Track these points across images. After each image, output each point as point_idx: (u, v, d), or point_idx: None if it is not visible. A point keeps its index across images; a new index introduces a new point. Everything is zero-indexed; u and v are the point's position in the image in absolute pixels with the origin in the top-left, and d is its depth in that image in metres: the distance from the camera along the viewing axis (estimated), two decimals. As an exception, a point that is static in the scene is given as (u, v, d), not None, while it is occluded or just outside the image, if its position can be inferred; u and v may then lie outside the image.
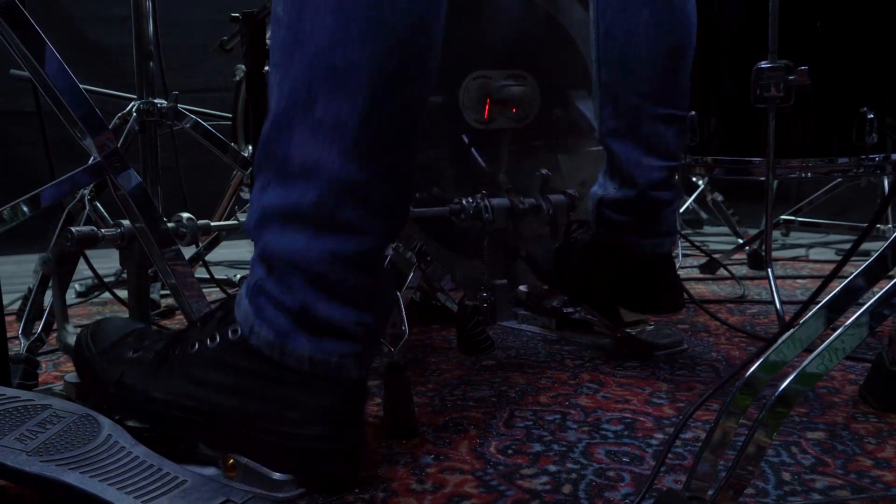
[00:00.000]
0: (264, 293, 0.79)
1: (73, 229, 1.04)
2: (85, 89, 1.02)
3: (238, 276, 1.83)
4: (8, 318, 1.04)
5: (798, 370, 0.64)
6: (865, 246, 0.80)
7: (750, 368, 0.68)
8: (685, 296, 1.30)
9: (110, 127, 1.21)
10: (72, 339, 1.00)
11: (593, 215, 1.29)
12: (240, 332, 0.80)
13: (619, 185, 1.23)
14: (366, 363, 0.82)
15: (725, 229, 2.53)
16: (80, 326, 0.96)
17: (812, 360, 0.64)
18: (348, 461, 0.81)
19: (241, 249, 2.32)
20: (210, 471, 0.80)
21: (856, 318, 0.65)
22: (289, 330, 0.78)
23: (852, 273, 0.70)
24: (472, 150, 1.55)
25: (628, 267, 1.25)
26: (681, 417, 0.98)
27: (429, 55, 0.79)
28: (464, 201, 1.42)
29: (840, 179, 2.10)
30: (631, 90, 1.20)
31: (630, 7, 1.17)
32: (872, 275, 0.70)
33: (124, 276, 1.16)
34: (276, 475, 0.78)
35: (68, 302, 1.10)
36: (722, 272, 1.97)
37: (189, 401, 0.81)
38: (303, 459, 0.78)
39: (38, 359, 1.10)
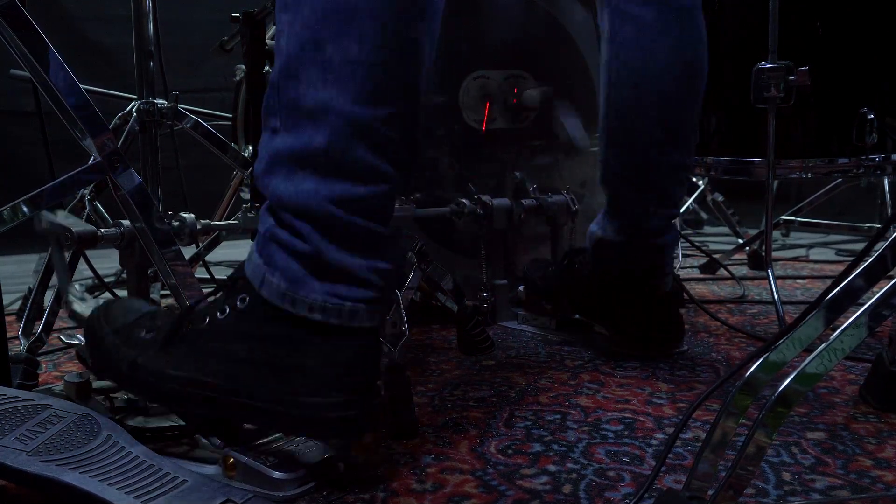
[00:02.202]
0: (275, 241, 0.79)
1: (73, 229, 1.04)
2: (85, 89, 1.02)
3: (238, 276, 1.83)
4: (8, 318, 1.04)
5: (798, 370, 0.64)
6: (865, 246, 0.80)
7: (749, 368, 0.68)
8: (683, 334, 1.30)
9: (110, 127, 1.21)
10: (78, 305, 1.00)
11: (591, 254, 1.28)
12: (248, 299, 0.79)
13: (620, 229, 1.23)
14: (379, 311, 0.81)
15: (725, 229, 2.52)
16: (77, 329, 0.96)
17: (812, 360, 0.64)
18: (364, 428, 0.81)
19: (242, 249, 2.31)
20: (210, 470, 0.81)
21: (855, 318, 0.65)
22: (301, 276, 0.77)
23: (852, 273, 0.70)
24: (472, 150, 1.55)
25: (626, 302, 1.25)
26: (681, 418, 0.98)
27: None
28: (464, 201, 1.42)
29: (840, 180, 2.10)
30: (642, 138, 1.18)
31: (644, 51, 1.15)
32: (872, 275, 0.70)
33: (124, 276, 1.16)
34: (276, 474, 0.78)
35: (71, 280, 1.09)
36: (722, 272, 1.97)
37: (204, 376, 0.80)
38: (321, 428, 0.79)
39: (38, 359, 1.10)
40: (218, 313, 0.81)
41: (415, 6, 0.77)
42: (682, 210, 2.41)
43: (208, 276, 1.66)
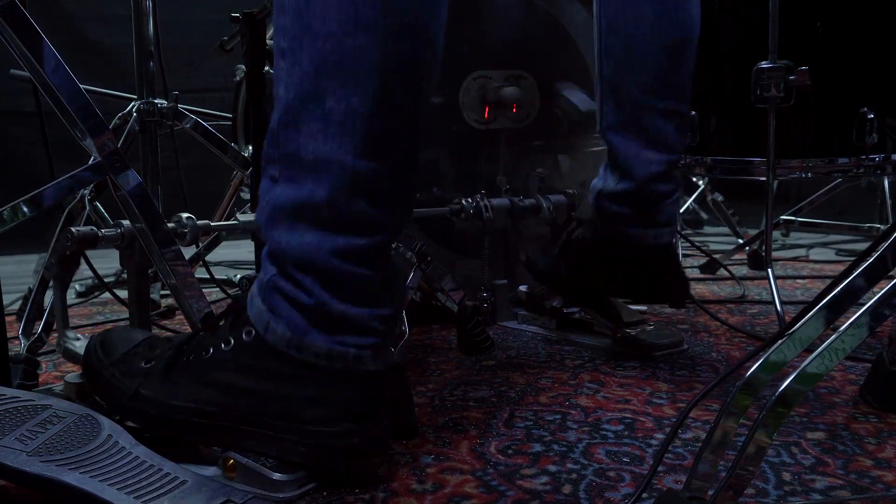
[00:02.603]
0: (278, 291, 0.79)
1: (73, 229, 1.04)
2: (85, 89, 1.02)
3: (238, 276, 1.83)
4: (8, 318, 1.04)
5: (798, 370, 0.64)
6: (865, 246, 0.80)
7: (750, 369, 0.68)
8: (689, 291, 1.30)
9: (110, 127, 1.21)
10: (72, 345, 1.00)
11: (593, 207, 1.29)
12: (254, 333, 0.80)
13: (619, 178, 1.23)
14: (383, 354, 0.82)
15: (725, 229, 2.53)
16: (77, 329, 0.96)
17: (812, 360, 0.64)
18: (370, 455, 0.82)
19: (242, 249, 2.32)
20: (210, 471, 0.80)
21: (856, 318, 0.65)
22: (304, 327, 0.78)
23: (852, 273, 0.70)
24: (472, 150, 1.55)
25: (630, 258, 1.24)
26: (678, 418, 0.98)
27: (436, 39, 0.79)
28: (464, 201, 1.42)
29: (840, 180, 2.09)
30: (632, 84, 1.20)
31: (632, 3, 1.17)
32: (872, 275, 0.70)
33: (124, 276, 1.16)
34: (276, 475, 0.78)
35: (68, 302, 1.10)
36: (722, 272, 1.97)
37: (209, 406, 0.80)
38: (327, 457, 0.79)
39: (38, 359, 1.10)
40: (222, 344, 0.82)
41: (415, 58, 0.77)
42: (682, 210, 2.41)
43: (208, 276, 1.66)
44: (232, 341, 0.81)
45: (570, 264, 1.34)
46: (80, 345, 1.00)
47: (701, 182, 2.44)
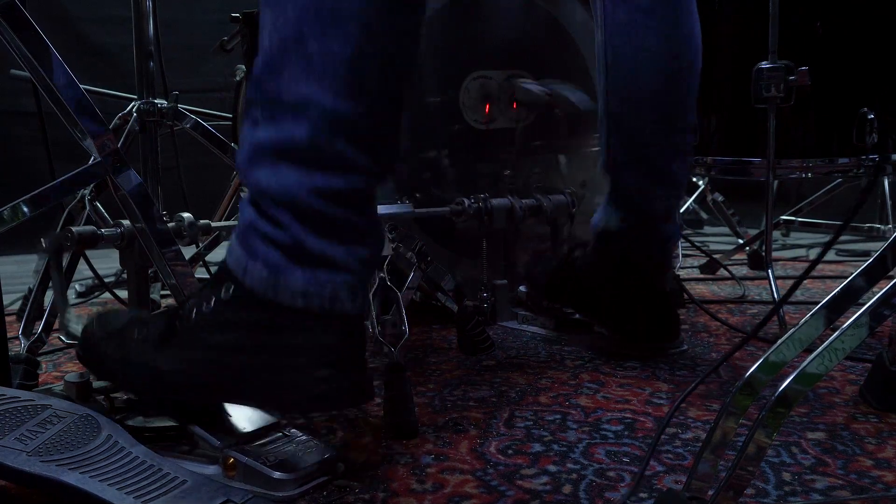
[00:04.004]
0: (255, 231, 0.79)
1: (73, 229, 1.04)
2: (85, 89, 1.02)
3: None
4: (8, 318, 1.04)
5: (798, 370, 0.64)
6: (865, 246, 0.80)
7: (750, 369, 0.68)
8: (679, 329, 1.30)
9: (110, 127, 1.21)
10: (73, 325, 1.00)
11: (594, 244, 1.28)
12: (232, 288, 0.80)
13: (623, 217, 1.23)
14: (360, 296, 0.82)
15: (725, 229, 2.52)
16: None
17: (812, 360, 0.64)
18: (356, 400, 0.83)
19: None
20: (210, 470, 0.81)
21: (856, 318, 0.65)
22: (281, 264, 0.78)
23: (852, 273, 0.70)
24: (472, 150, 1.55)
25: (626, 297, 1.25)
26: (678, 415, 0.98)
27: None
28: (464, 201, 1.42)
29: (840, 180, 2.09)
30: (641, 121, 1.19)
31: (638, 31, 1.16)
32: (872, 275, 0.70)
33: (124, 276, 1.16)
34: (276, 474, 0.78)
35: (69, 302, 1.10)
36: (722, 272, 1.96)
37: (195, 366, 0.81)
38: (310, 404, 0.80)
39: (39, 359, 1.10)
40: (204, 304, 0.82)
41: (398, 4, 0.77)
42: (682, 210, 2.41)
43: (208, 276, 1.66)
44: (213, 300, 0.82)
45: (569, 286, 1.34)
46: (81, 326, 1.00)
47: (701, 182, 2.44)
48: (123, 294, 1.36)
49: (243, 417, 0.87)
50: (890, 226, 2.16)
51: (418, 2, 0.80)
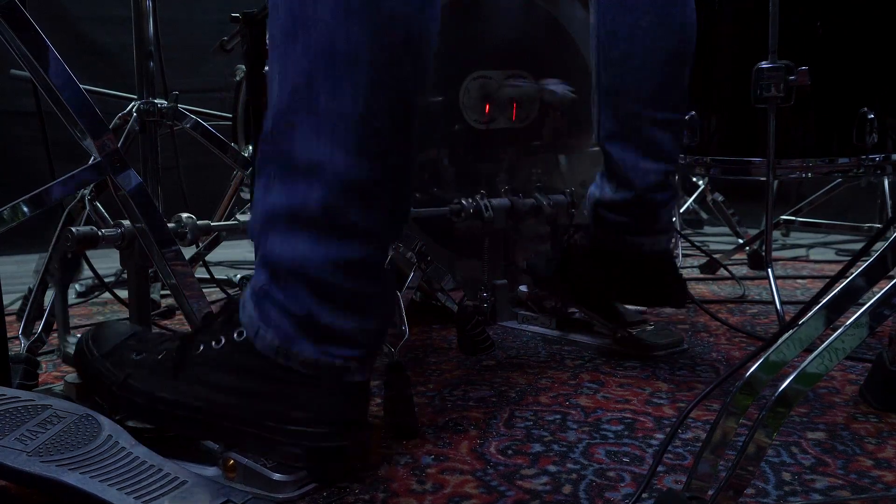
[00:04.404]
0: (269, 298, 0.79)
1: (73, 229, 1.04)
2: (85, 89, 1.02)
3: (238, 276, 1.83)
4: (8, 318, 1.04)
5: (798, 370, 0.64)
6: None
7: (750, 368, 0.68)
8: (688, 293, 1.30)
9: (110, 127, 1.21)
10: (72, 349, 1.01)
11: (590, 216, 1.29)
12: (245, 335, 0.80)
13: (616, 188, 1.24)
14: (369, 366, 0.82)
15: (725, 229, 2.52)
16: (78, 329, 0.96)
17: (812, 360, 0.64)
18: (353, 459, 0.82)
19: (242, 249, 2.32)
20: (210, 471, 0.81)
21: (856, 318, 0.65)
22: (293, 335, 0.78)
23: (852, 273, 0.70)
24: (472, 150, 1.55)
25: (628, 265, 1.25)
26: (678, 417, 0.98)
27: (427, 34, 0.78)
28: (464, 201, 1.42)
29: (840, 179, 2.09)
30: (631, 94, 1.20)
31: (632, 11, 1.17)
32: (872, 275, 0.70)
33: (124, 276, 1.16)
34: (276, 476, 0.78)
35: (68, 302, 1.10)
36: (722, 272, 1.97)
37: (195, 401, 0.81)
38: (309, 458, 0.79)
39: (39, 359, 1.10)
40: (213, 342, 0.82)
41: (408, 44, 0.77)
42: (682, 210, 2.41)
43: (208, 276, 1.66)
44: (223, 340, 0.82)
45: (570, 270, 1.34)
46: None
47: (701, 182, 2.44)
48: (123, 294, 1.36)
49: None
50: (886, 223, 2.16)
51: (425, 56, 0.79)
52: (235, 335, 0.81)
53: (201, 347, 0.83)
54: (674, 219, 1.95)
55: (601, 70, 1.23)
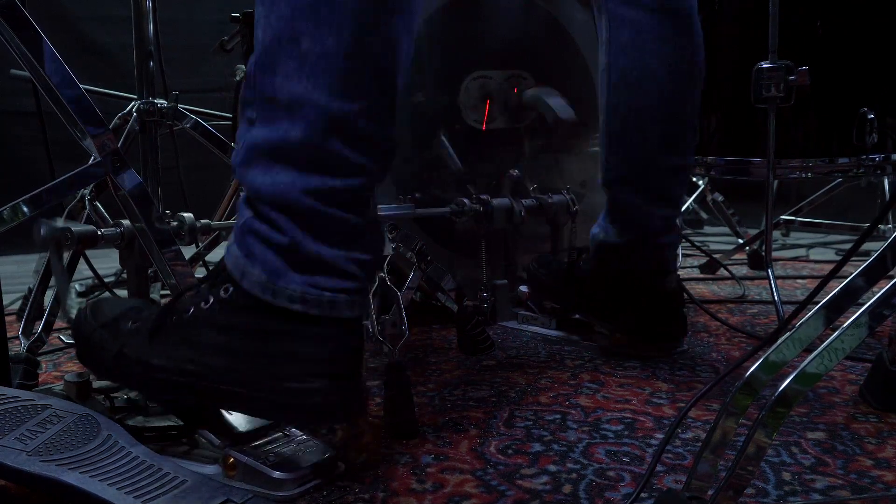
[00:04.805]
0: (253, 233, 0.79)
1: (72, 229, 1.04)
2: (85, 89, 1.02)
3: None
4: (8, 318, 1.04)
5: (798, 370, 0.64)
6: (865, 246, 0.79)
7: (749, 368, 0.68)
8: (685, 329, 1.30)
9: (110, 127, 1.21)
10: (75, 312, 1.00)
11: (594, 256, 1.29)
12: (231, 289, 0.79)
13: (621, 231, 1.24)
14: (359, 302, 0.81)
15: (725, 229, 2.52)
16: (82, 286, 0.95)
17: (812, 360, 0.64)
18: (348, 413, 0.82)
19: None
20: (210, 470, 0.80)
21: (856, 318, 0.65)
22: (280, 267, 0.78)
23: (852, 273, 0.70)
24: (472, 150, 1.55)
25: (629, 301, 1.25)
26: (676, 417, 0.98)
27: None
28: (464, 201, 1.42)
29: (840, 179, 2.09)
30: (642, 139, 1.19)
31: (642, 55, 1.16)
32: (872, 275, 0.70)
33: (124, 276, 1.16)
34: (276, 473, 0.78)
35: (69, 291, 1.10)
36: (722, 272, 1.97)
37: (189, 364, 0.80)
38: (303, 414, 0.79)
39: (38, 359, 1.10)
40: (202, 303, 0.81)
41: (393, 2, 0.77)
42: (682, 210, 2.41)
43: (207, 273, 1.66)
44: (211, 299, 0.81)
45: (572, 290, 1.34)
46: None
47: (701, 182, 2.44)
48: (123, 294, 1.36)
49: (242, 417, 0.87)
50: (890, 226, 2.16)
51: (412, 4, 0.79)
52: (222, 291, 0.80)
53: (191, 310, 0.82)
54: (678, 256, 1.94)
55: (609, 115, 1.21)
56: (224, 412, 0.87)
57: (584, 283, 1.32)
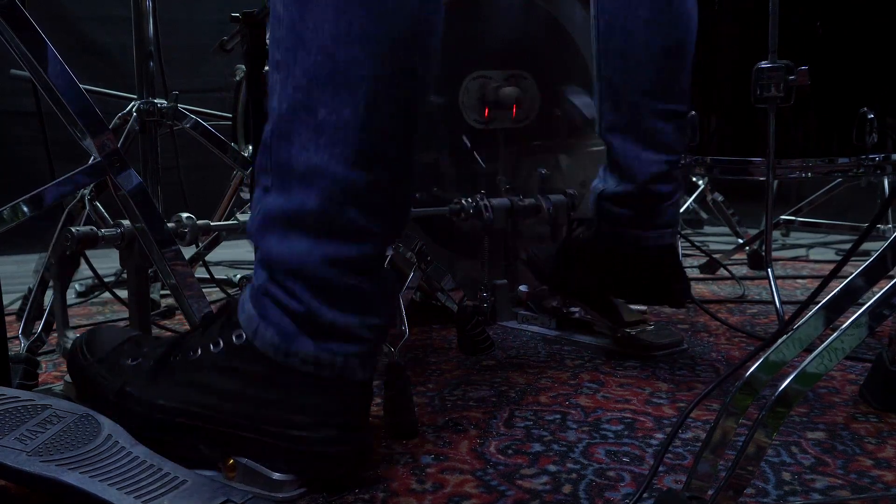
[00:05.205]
0: (268, 296, 0.79)
1: (73, 229, 1.04)
2: (85, 89, 1.02)
3: (238, 276, 1.83)
4: (8, 318, 1.04)
5: (798, 370, 0.64)
6: (865, 246, 0.79)
7: (749, 368, 0.68)
8: (689, 291, 1.30)
9: (110, 127, 1.21)
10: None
11: (593, 209, 1.29)
12: (244, 337, 0.80)
13: (619, 180, 1.24)
14: (370, 364, 0.82)
15: (725, 229, 2.52)
16: (77, 329, 0.96)
17: (812, 360, 0.64)
18: (355, 464, 0.82)
19: (241, 249, 2.32)
20: (210, 471, 0.80)
21: (856, 318, 0.65)
22: (293, 333, 0.78)
23: (852, 273, 0.70)
24: (472, 150, 1.55)
25: (631, 260, 1.25)
26: (679, 417, 0.98)
27: (429, 52, 0.79)
28: (464, 201, 1.42)
29: (840, 179, 2.09)
30: (631, 85, 1.20)
31: (631, 2, 1.17)
32: (872, 275, 0.70)
33: (124, 276, 1.16)
34: (276, 475, 0.78)
35: (68, 302, 1.10)
36: (722, 272, 1.97)
37: (194, 407, 0.80)
38: (310, 463, 0.79)
39: (38, 359, 1.10)
40: (211, 346, 0.82)
41: (408, 68, 0.77)
42: (682, 210, 2.41)
43: (208, 276, 1.66)
44: (221, 343, 0.81)
45: (571, 264, 1.34)
46: None
47: (701, 182, 2.44)
48: (123, 294, 1.36)
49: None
50: (890, 226, 2.16)
51: (427, 71, 0.79)
52: (234, 338, 0.80)
53: (199, 351, 0.82)
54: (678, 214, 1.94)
55: (601, 61, 1.23)
56: None
57: (580, 254, 1.32)
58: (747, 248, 2.02)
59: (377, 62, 0.74)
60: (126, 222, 1.05)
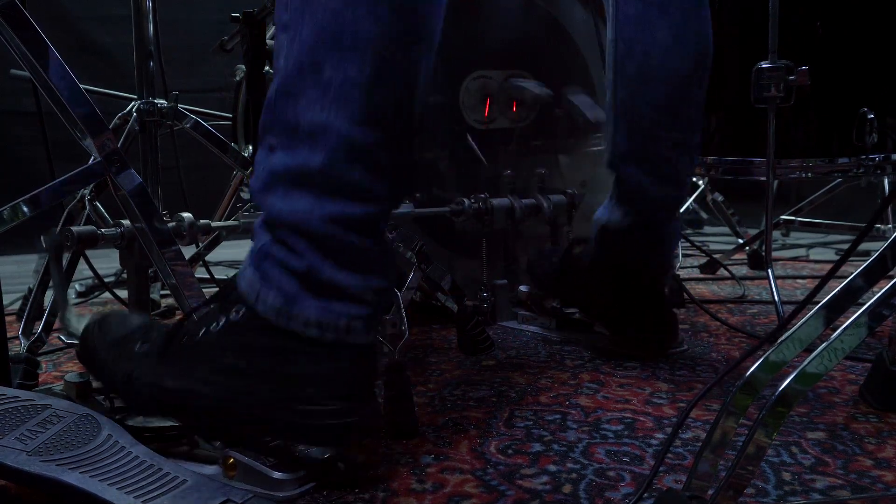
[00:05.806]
0: (270, 257, 0.79)
1: (73, 229, 1.04)
2: (85, 89, 1.02)
3: (238, 276, 1.83)
4: (8, 318, 1.04)
5: (798, 370, 0.64)
6: (865, 246, 0.80)
7: (749, 368, 0.68)
8: (677, 335, 1.30)
9: (110, 127, 1.21)
10: (74, 323, 1.00)
11: (596, 239, 1.28)
12: (243, 310, 0.79)
13: (626, 212, 1.23)
14: (374, 327, 0.81)
15: (725, 229, 2.52)
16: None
17: (812, 360, 0.64)
18: (364, 434, 0.82)
19: (242, 249, 2.31)
20: (210, 470, 0.81)
21: (856, 318, 0.65)
22: (295, 293, 0.77)
23: (852, 273, 0.70)
24: (473, 149, 1.55)
25: (626, 296, 1.25)
26: (679, 417, 0.98)
27: (434, 18, 0.79)
28: (464, 201, 1.42)
29: (840, 179, 2.10)
30: (647, 111, 1.19)
31: (649, 25, 1.16)
32: (872, 275, 0.70)
33: (124, 276, 1.16)
34: (276, 474, 0.78)
35: (68, 302, 1.10)
36: (722, 272, 1.97)
37: (200, 387, 0.80)
38: (320, 434, 0.79)
39: (38, 359, 1.10)
40: (213, 324, 0.81)
41: (413, 30, 0.77)
42: (682, 209, 2.41)
43: (208, 276, 1.66)
44: (223, 320, 0.81)
45: (570, 281, 1.34)
46: (81, 324, 1.00)
47: (701, 182, 2.44)
48: (123, 294, 1.36)
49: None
50: (890, 226, 2.16)
51: (431, 32, 0.79)
52: (234, 313, 0.80)
53: (202, 332, 0.82)
54: (677, 256, 1.93)
55: (617, 86, 1.21)
56: None
57: (578, 276, 1.32)
58: (747, 248, 2.02)
59: (383, 22, 0.75)
60: (126, 222, 1.05)
